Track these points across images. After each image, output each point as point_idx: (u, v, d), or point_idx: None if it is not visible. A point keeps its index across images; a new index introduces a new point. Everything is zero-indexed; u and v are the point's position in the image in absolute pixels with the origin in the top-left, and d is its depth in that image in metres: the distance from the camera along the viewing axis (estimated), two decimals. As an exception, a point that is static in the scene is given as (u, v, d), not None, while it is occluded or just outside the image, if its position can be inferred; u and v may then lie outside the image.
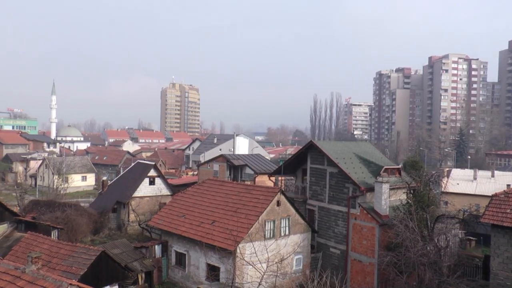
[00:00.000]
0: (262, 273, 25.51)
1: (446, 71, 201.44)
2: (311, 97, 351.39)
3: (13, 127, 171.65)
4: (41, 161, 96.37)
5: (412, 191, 33.74)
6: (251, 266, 28.28)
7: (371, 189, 34.67)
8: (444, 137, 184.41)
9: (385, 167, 38.28)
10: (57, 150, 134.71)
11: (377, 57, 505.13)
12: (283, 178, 46.09)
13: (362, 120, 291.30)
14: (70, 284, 18.05)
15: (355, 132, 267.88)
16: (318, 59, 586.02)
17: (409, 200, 32.92)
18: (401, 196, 35.45)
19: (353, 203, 35.26)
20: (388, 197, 33.96)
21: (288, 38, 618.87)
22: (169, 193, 53.58)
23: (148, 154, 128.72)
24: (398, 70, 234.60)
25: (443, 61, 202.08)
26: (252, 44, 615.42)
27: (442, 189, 49.84)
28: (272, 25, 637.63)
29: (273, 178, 46.73)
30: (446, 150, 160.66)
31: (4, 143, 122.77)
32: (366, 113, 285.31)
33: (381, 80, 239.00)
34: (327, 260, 37.28)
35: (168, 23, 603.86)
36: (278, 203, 33.55)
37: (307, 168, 40.25)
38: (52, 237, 34.49)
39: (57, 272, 24.84)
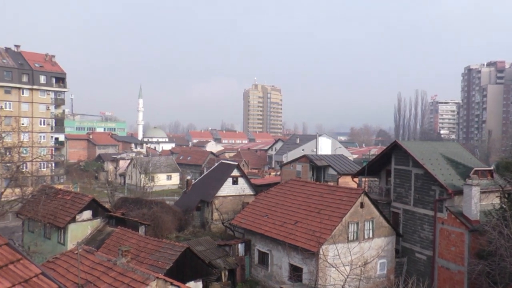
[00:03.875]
0: (345, 276, 25.33)
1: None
2: (395, 96, 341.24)
3: (104, 129, 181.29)
4: (129, 160, 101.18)
5: (506, 195, 31.74)
6: (334, 269, 28.16)
7: (459, 192, 33.13)
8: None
9: (475, 168, 36.37)
10: (143, 150, 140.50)
11: (466, 51, 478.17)
12: (366, 179, 45.30)
13: (449, 119, 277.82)
14: (157, 277, 18.95)
15: (441, 132, 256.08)
16: (402, 55, 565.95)
17: (503, 205, 30.77)
18: (494, 200, 33.50)
19: (440, 206, 33.94)
20: (479, 201, 32.26)
21: (370, 34, 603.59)
22: (252, 193, 54.30)
23: (231, 154, 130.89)
24: (490, 64, 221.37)
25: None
26: (332, 43, 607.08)
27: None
28: (352, 23, 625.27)
29: (356, 179, 46.09)
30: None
31: (97, 143, 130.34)
32: (453, 111, 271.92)
33: (470, 75, 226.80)
34: (413, 265, 36.14)
35: (249, 28, 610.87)
36: (362, 205, 33.07)
37: (391, 169, 39.27)
38: (139, 232, 36.09)
39: (144, 265, 26.08)
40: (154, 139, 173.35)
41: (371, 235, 33.56)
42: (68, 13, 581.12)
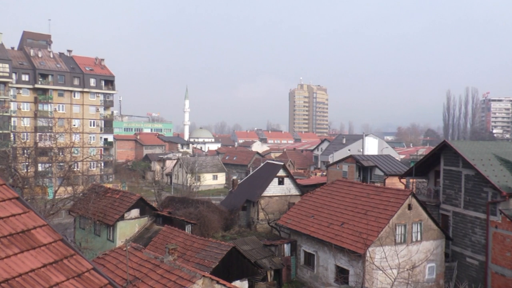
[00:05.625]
0: (393, 280, 24.83)
1: None
2: (444, 94, 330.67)
3: (151, 130, 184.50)
4: (175, 160, 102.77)
5: None
6: (381, 271, 27.65)
7: (514, 194, 31.84)
8: None
9: (532, 170, 34.92)
10: (190, 150, 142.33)
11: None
12: (414, 180, 44.30)
13: (503, 117, 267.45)
14: (203, 276, 19.13)
15: (494, 131, 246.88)
16: (451, 51, 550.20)
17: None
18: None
19: (493, 209, 32.68)
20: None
21: (417, 30, 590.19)
22: (298, 193, 54.06)
23: (277, 154, 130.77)
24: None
25: None
26: (379, 40, 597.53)
27: None
28: (398, 18, 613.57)
29: (403, 180, 45.14)
30: None
31: (144, 144, 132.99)
32: (507, 109, 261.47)
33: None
34: (464, 270, 34.97)
35: (295, 28, 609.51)
36: (410, 207, 32.33)
37: (440, 170, 38.17)
38: (186, 231, 36.62)
39: (191, 263, 26.37)
40: (200, 140, 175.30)
41: (419, 238, 32.74)
42: (119, 19, 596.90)
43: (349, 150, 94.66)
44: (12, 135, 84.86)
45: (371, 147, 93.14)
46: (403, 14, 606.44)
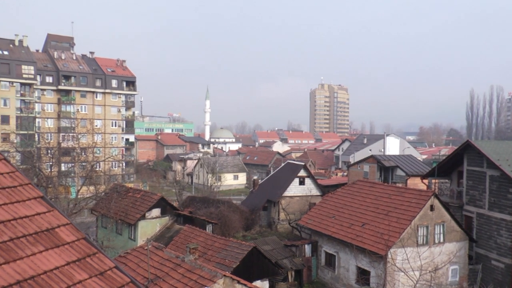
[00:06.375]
0: (415, 282, 24.53)
1: None
2: (467, 92, 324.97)
3: (172, 130, 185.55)
4: (196, 160, 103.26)
5: None
6: (402, 273, 27.33)
7: (541, 196, 31.22)
8: None
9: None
10: (210, 150, 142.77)
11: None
12: (436, 181, 43.70)
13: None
14: (224, 275, 19.17)
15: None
16: (475, 48, 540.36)
17: None
18: None
19: (519, 210, 32.10)
20: None
21: (439, 27, 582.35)
22: (318, 194, 53.87)
23: (298, 154, 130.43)
24: None
25: None
26: (400, 39, 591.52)
27: None
28: (419, 15, 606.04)
29: (426, 181, 44.60)
30: None
31: (165, 144, 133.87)
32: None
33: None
34: (488, 273, 34.34)
35: (315, 27, 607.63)
36: (432, 208, 31.92)
37: (464, 170, 37.57)
38: (207, 230, 36.71)
39: (211, 263, 26.43)
40: (221, 140, 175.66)
41: (441, 240, 32.28)
42: (140, 20, 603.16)
43: (370, 150, 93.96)
44: (36, 136, 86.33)
45: (393, 147, 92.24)
46: (425, 9, 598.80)
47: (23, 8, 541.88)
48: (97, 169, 58.29)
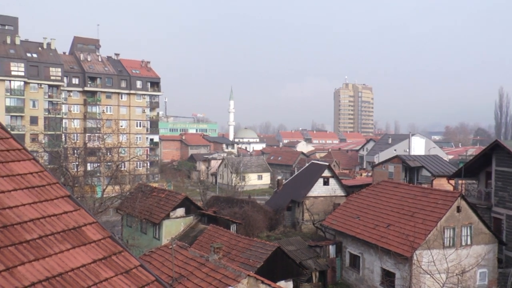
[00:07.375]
0: (441, 285, 24.15)
1: None
2: (496, 90, 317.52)
3: (196, 130, 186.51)
4: (220, 160, 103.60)
5: None
6: (428, 276, 26.93)
7: None
8: None
9: None
10: (235, 150, 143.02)
11: None
12: (463, 181, 42.97)
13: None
14: (248, 275, 19.18)
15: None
16: (503, 44, 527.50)
17: None
18: None
19: (549, 212, 31.35)
20: None
21: (465, 22, 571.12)
22: (343, 194, 53.52)
23: (322, 154, 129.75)
24: None
25: None
26: (425, 37, 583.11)
27: None
28: (444, 12, 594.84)
29: (452, 181, 43.93)
30: None
31: (189, 144, 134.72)
32: None
33: None
34: (518, 275, 33.62)
35: (338, 27, 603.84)
36: (459, 209, 31.34)
37: (492, 171, 36.84)
38: (231, 230, 36.78)
39: (236, 263, 26.47)
40: (245, 140, 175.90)
41: (469, 242, 31.65)
42: (165, 22, 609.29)
43: (395, 150, 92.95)
44: (63, 136, 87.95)
45: (418, 147, 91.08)
46: (449, 5, 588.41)
47: (51, 11, 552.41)
48: (122, 169, 59.04)
